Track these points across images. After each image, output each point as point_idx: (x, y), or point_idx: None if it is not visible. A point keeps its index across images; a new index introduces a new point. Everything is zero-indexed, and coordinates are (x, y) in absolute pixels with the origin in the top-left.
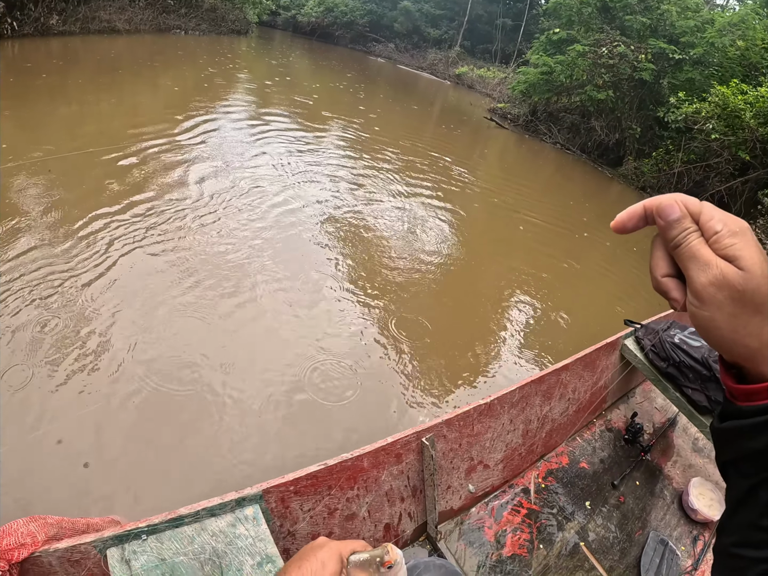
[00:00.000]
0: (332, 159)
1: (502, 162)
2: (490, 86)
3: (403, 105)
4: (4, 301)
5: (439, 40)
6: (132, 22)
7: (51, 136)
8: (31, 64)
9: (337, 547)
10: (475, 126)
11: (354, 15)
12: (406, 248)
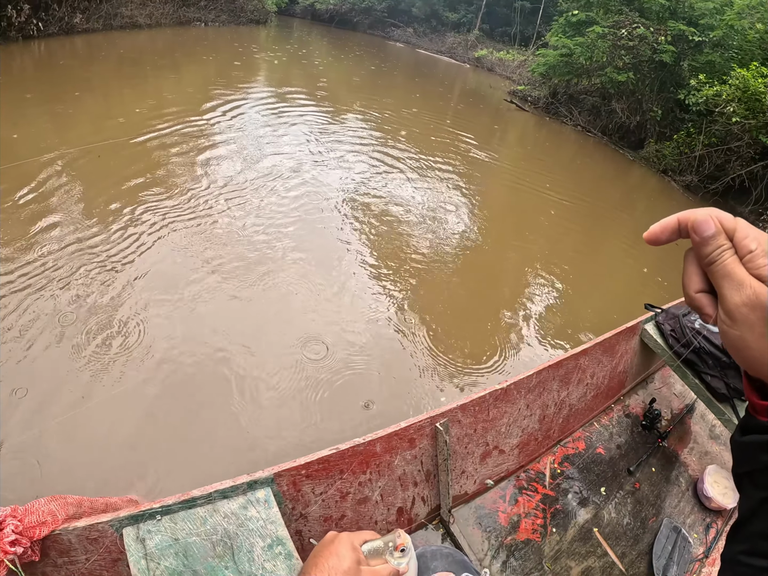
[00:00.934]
0: (353, 141)
1: (523, 144)
2: (510, 69)
3: (423, 88)
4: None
5: (458, 23)
6: (153, 16)
7: (81, 128)
8: (58, 61)
9: (348, 538)
10: (496, 108)
11: (372, 1)
12: (428, 230)
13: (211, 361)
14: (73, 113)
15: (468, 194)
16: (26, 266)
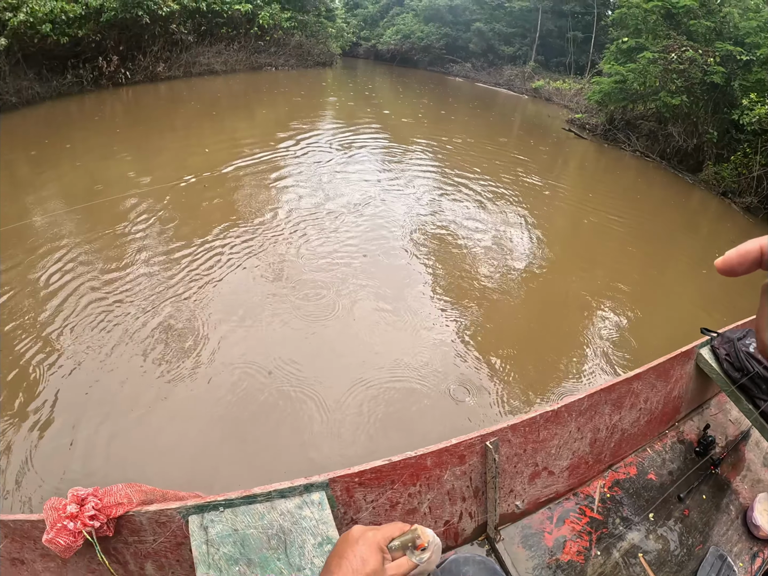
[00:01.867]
0: (417, 172)
1: (583, 172)
2: (567, 97)
3: (484, 120)
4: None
5: (514, 56)
6: (228, 63)
7: (164, 163)
8: (143, 105)
9: (374, 539)
10: (555, 137)
11: (430, 39)
12: (492, 258)
13: (280, 379)
14: (157, 150)
15: (531, 222)
16: (117, 282)
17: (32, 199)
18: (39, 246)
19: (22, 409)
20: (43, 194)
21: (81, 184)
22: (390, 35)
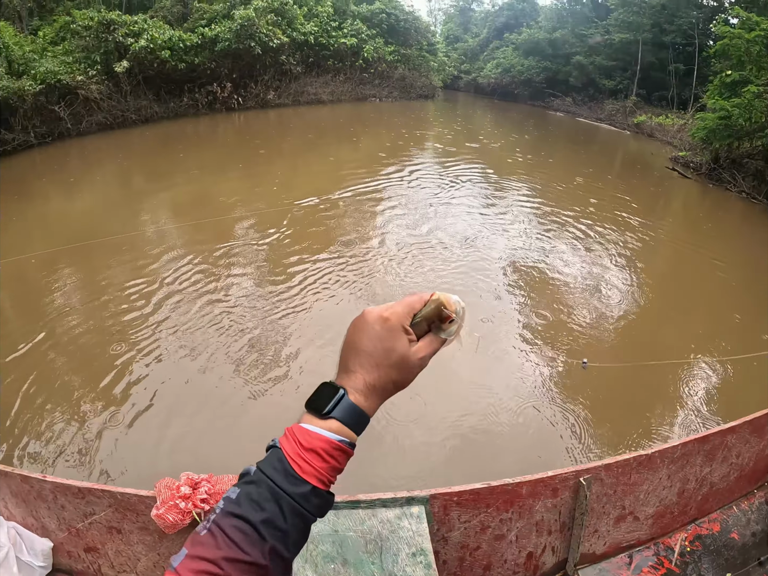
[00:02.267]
0: (516, 207)
1: (686, 213)
2: (670, 133)
3: (584, 157)
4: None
5: (615, 90)
6: (334, 93)
7: (270, 187)
8: (253, 130)
9: (396, 319)
10: (658, 176)
11: (530, 73)
12: (587, 297)
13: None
14: (265, 173)
15: (630, 264)
16: (223, 295)
17: (147, 208)
18: (149, 255)
19: (123, 394)
20: (156, 204)
21: (191, 199)
22: (490, 69)
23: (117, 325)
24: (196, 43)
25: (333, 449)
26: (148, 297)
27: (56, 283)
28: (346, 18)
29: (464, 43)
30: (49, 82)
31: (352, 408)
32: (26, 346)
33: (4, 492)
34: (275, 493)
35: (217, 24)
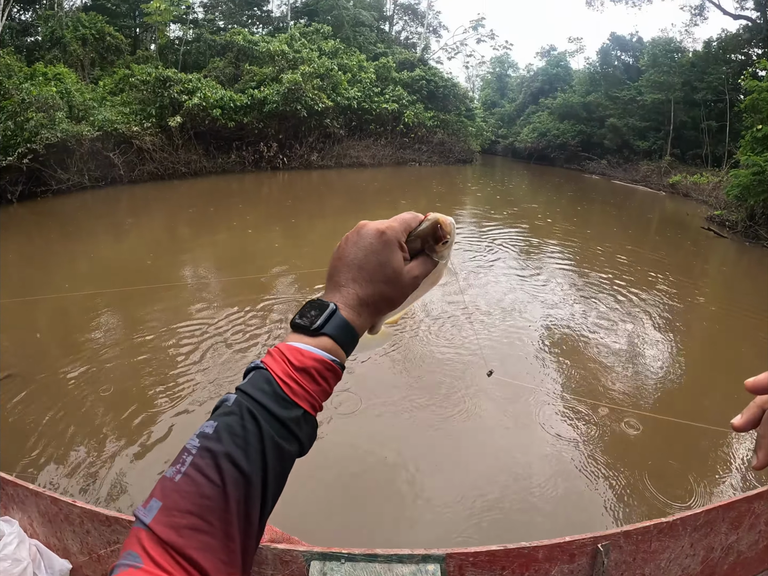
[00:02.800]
0: (552, 270)
1: (723, 273)
2: (705, 192)
3: (620, 219)
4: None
5: (649, 151)
6: (375, 157)
7: (309, 247)
8: (296, 189)
9: (391, 232)
10: (694, 237)
11: (566, 137)
12: (624, 365)
13: (395, 466)
14: (307, 232)
15: (668, 326)
16: (253, 346)
17: (190, 258)
18: (189, 305)
19: (152, 433)
20: (199, 255)
21: (234, 252)
22: (526, 133)
23: (151, 367)
24: (246, 103)
25: (325, 369)
26: (185, 346)
27: (95, 322)
28: (388, 84)
29: (501, 108)
30: (106, 129)
31: (344, 324)
32: (62, 375)
33: (31, 510)
34: (266, 420)
35: (266, 86)
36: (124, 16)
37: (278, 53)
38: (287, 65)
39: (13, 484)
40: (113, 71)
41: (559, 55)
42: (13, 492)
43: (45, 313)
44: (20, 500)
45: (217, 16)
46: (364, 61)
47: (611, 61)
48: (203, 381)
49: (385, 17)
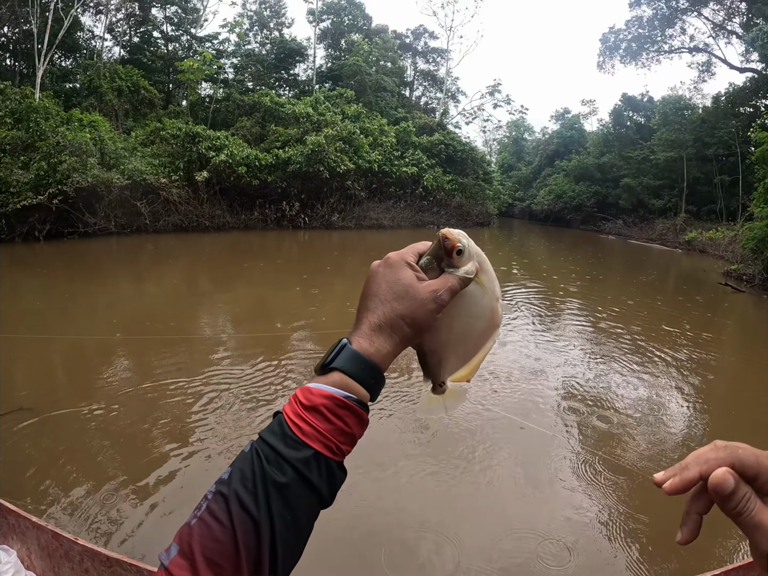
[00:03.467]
0: (569, 329)
1: (743, 328)
2: (722, 247)
3: (636, 278)
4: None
5: (664, 209)
6: (395, 219)
7: (329, 307)
8: (316, 248)
9: (399, 258)
10: (711, 293)
11: (581, 198)
12: (643, 429)
13: (410, 532)
14: (325, 292)
15: (689, 384)
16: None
17: (208, 310)
18: (205, 357)
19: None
20: (217, 308)
21: (251, 308)
22: (543, 196)
23: (160, 413)
24: (271, 162)
25: (337, 407)
26: (196, 396)
27: (109, 365)
28: (408, 148)
29: (518, 171)
30: (135, 178)
31: (353, 355)
32: (72, 413)
33: (31, 542)
34: (274, 462)
35: (291, 147)
36: (159, 71)
37: (303, 115)
38: (311, 127)
39: (16, 515)
40: (145, 123)
41: (573, 118)
42: (14, 522)
43: (61, 351)
44: (21, 531)
45: (246, 77)
46: (386, 125)
47: (624, 122)
48: (211, 432)
49: (405, 83)
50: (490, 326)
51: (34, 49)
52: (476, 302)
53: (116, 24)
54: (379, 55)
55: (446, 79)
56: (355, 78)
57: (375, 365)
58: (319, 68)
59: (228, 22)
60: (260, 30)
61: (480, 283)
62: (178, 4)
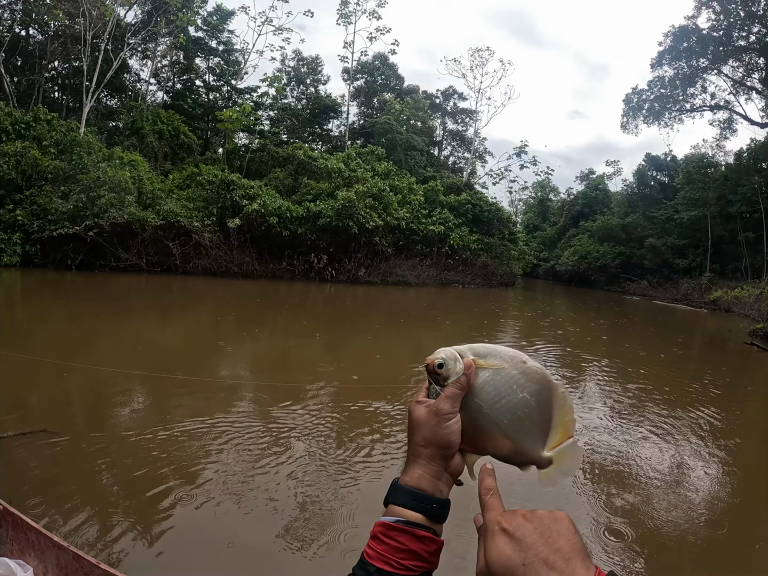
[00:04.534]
0: (594, 391)
1: None
2: (747, 305)
3: (661, 341)
4: None
5: (689, 268)
6: (420, 277)
7: (349, 362)
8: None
9: (411, 404)
10: (737, 353)
11: (606, 259)
12: (672, 500)
13: None
14: (346, 347)
15: (716, 449)
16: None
17: (228, 355)
18: (221, 401)
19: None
20: (238, 355)
21: (272, 356)
22: (567, 256)
23: (172, 451)
24: (302, 215)
25: (389, 530)
26: (207, 439)
27: (126, 399)
28: (436, 206)
29: (543, 231)
30: (170, 220)
31: (395, 487)
32: (84, 442)
33: (49, 561)
34: None
35: (322, 201)
36: (199, 119)
37: (335, 170)
38: (343, 182)
39: (36, 532)
40: (183, 167)
41: (597, 179)
42: (34, 539)
43: (80, 379)
44: (40, 549)
45: (281, 129)
46: (414, 183)
47: (647, 182)
48: (221, 478)
49: (435, 142)
50: (537, 388)
51: (82, 86)
52: (496, 382)
53: (161, 69)
54: (410, 114)
55: (474, 139)
56: (387, 136)
57: (413, 490)
58: (351, 125)
59: (267, 77)
60: (297, 85)
61: (488, 366)
62: (221, 56)
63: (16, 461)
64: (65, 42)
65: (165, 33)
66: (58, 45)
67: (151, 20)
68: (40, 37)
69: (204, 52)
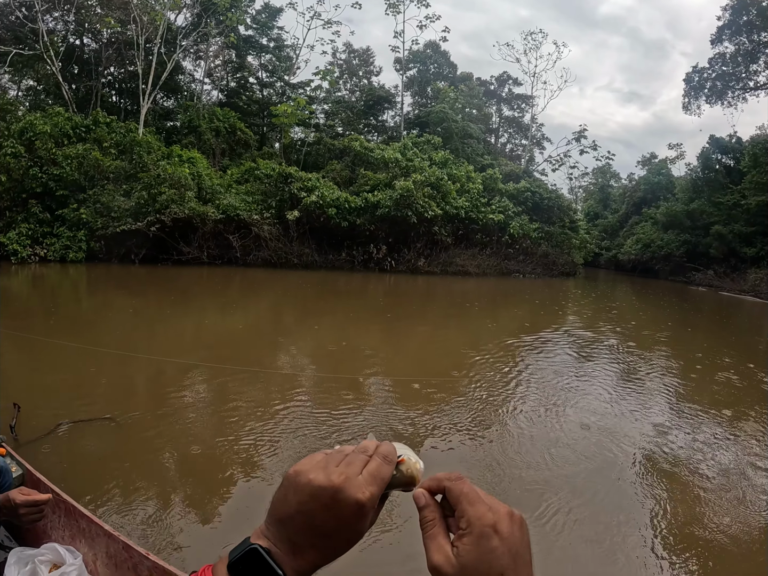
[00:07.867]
0: (653, 388)
1: None
2: None
3: (728, 337)
4: None
5: (757, 257)
6: (480, 266)
7: (407, 355)
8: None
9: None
10: None
11: (670, 247)
12: (728, 496)
13: None
14: (405, 340)
15: None
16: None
17: (288, 346)
18: (280, 389)
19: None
20: (298, 346)
21: (330, 346)
22: (630, 245)
23: (232, 438)
24: (360, 205)
25: None
26: (269, 427)
27: (188, 387)
28: (494, 195)
29: (604, 219)
30: (229, 213)
31: None
32: (149, 428)
33: (99, 549)
34: None
35: (380, 191)
36: (254, 115)
37: (392, 161)
38: (400, 172)
39: (88, 519)
40: (240, 162)
41: (660, 163)
42: (86, 526)
43: (143, 368)
44: (90, 536)
45: (336, 122)
46: (472, 171)
47: (712, 166)
48: (278, 463)
49: (491, 130)
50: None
51: (138, 89)
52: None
53: (214, 69)
54: (465, 102)
55: (531, 125)
56: (442, 125)
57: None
58: (406, 115)
59: (320, 70)
60: (350, 78)
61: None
62: (272, 53)
63: (79, 447)
64: (119, 48)
65: (215, 33)
66: (113, 51)
67: (201, 22)
68: (95, 45)
69: (255, 49)
